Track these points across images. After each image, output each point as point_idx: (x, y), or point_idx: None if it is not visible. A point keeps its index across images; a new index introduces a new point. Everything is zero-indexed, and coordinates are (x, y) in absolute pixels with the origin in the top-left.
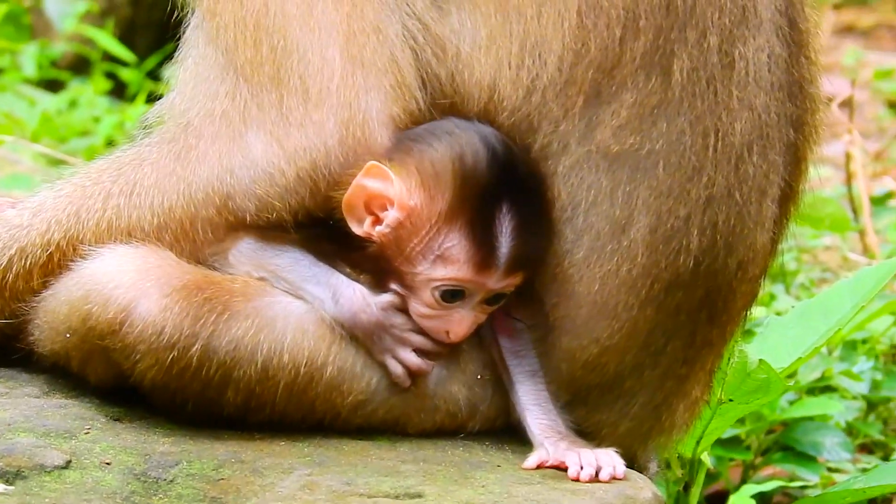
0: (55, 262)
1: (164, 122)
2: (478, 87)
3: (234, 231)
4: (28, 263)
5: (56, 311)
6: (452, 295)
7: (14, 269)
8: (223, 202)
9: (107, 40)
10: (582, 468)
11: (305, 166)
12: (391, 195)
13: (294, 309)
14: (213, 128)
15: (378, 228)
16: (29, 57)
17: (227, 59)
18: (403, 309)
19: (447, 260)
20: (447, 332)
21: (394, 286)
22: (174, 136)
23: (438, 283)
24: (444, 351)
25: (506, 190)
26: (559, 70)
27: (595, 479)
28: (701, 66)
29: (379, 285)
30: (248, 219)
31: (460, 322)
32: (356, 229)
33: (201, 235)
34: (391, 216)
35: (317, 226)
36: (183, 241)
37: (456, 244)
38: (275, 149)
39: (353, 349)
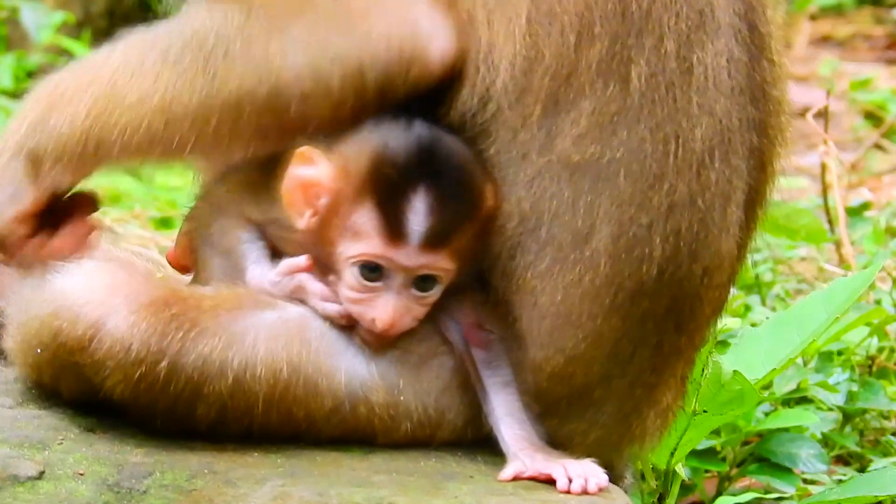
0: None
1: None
2: (431, 95)
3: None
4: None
5: (28, 325)
6: (371, 271)
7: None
8: (274, 102)
9: (83, 51)
10: (571, 480)
11: (352, 67)
12: (319, 179)
13: (264, 319)
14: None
15: (313, 219)
16: (5, 68)
17: None
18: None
19: (359, 235)
20: (373, 320)
21: (330, 277)
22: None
23: (354, 259)
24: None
25: (425, 171)
26: (512, 77)
27: (584, 490)
28: (659, 72)
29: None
30: (297, 122)
31: (384, 306)
32: (299, 223)
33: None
34: (322, 203)
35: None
36: (233, 139)
37: (366, 218)
38: (319, 48)
39: (322, 350)
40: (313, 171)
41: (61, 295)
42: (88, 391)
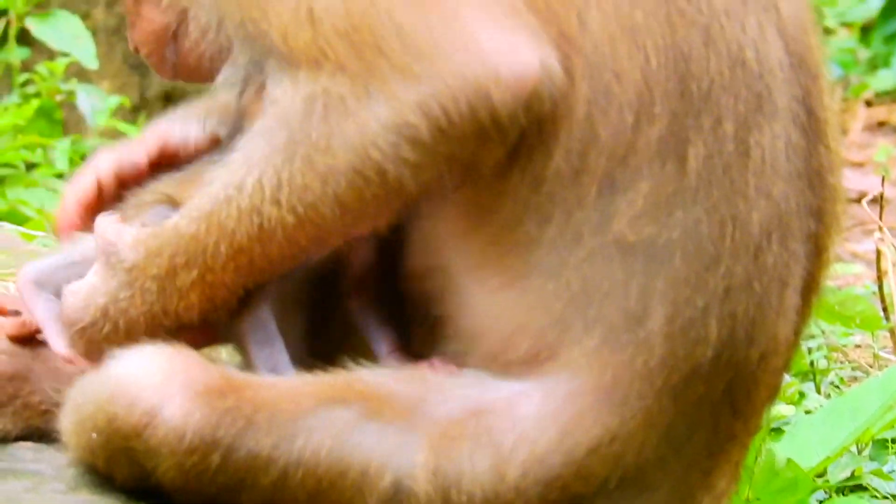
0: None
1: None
2: None
3: None
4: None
5: (83, 408)
6: None
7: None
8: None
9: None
10: None
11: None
12: None
13: (317, 421)
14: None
15: None
16: (61, 152)
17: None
18: None
19: None
20: None
21: None
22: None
23: None
24: None
25: None
26: (567, 161)
27: None
28: (716, 154)
29: None
30: (407, 185)
31: None
32: None
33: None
34: None
35: None
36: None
37: None
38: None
39: (369, 448)
40: None
41: (118, 379)
42: (141, 475)
